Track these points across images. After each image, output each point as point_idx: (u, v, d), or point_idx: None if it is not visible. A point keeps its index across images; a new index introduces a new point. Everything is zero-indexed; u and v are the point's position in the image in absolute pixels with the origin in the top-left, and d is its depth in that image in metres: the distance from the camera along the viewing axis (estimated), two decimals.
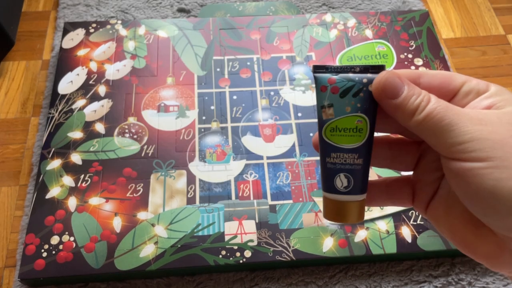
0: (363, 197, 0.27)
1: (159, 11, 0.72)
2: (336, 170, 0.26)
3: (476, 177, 0.21)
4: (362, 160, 0.26)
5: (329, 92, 0.26)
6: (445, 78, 0.25)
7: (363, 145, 0.26)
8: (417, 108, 0.23)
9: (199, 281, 0.49)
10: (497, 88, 0.24)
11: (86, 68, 0.62)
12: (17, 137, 0.60)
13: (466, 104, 0.25)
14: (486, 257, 0.24)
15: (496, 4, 0.77)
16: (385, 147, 0.28)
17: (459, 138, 0.22)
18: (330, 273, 0.50)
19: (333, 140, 0.26)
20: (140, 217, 0.51)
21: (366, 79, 0.25)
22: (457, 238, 0.25)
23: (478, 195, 0.22)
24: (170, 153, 0.56)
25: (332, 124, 0.26)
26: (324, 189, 0.27)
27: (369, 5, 0.74)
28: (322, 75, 0.26)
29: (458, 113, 0.23)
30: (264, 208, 0.52)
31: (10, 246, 0.52)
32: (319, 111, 0.26)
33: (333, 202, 0.26)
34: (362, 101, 0.25)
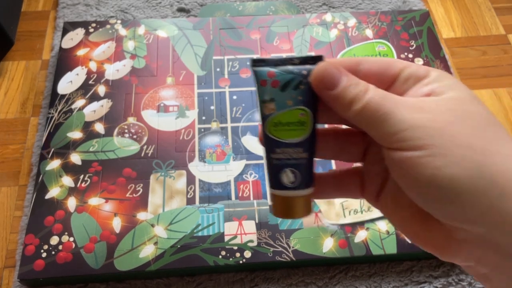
0: (310, 190, 0.26)
1: (159, 10, 0.72)
2: (282, 166, 0.25)
3: (415, 166, 0.21)
4: (308, 154, 0.25)
5: (270, 86, 0.25)
6: (384, 64, 0.25)
7: (307, 139, 0.25)
8: (355, 98, 0.23)
9: (199, 282, 0.49)
10: (437, 74, 0.24)
11: (85, 68, 0.62)
12: (16, 137, 0.60)
13: (406, 90, 0.24)
14: (436, 248, 0.24)
15: (497, 4, 0.76)
16: (331, 139, 0.27)
17: (396, 127, 0.21)
18: (330, 273, 0.50)
19: (277, 135, 0.25)
20: (139, 218, 0.51)
21: (306, 70, 0.24)
22: (407, 230, 0.25)
23: (418, 185, 0.21)
24: (170, 153, 0.56)
25: (274, 119, 0.25)
26: (271, 186, 0.26)
27: (369, 4, 0.74)
28: (261, 69, 0.25)
29: (395, 102, 0.22)
30: (264, 209, 0.52)
31: (9, 247, 0.52)
32: (260, 106, 0.25)
33: (281, 198, 0.26)
34: (303, 94, 0.24)
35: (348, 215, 0.52)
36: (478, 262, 0.22)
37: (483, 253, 0.22)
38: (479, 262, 0.22)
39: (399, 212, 0.25)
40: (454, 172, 0.20)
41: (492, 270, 0.22)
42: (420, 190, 0.21)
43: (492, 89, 0.67)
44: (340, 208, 0.52)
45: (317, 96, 0.25)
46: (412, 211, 0.24)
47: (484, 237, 0.21)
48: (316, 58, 0.25)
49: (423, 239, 0.24)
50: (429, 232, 0.23)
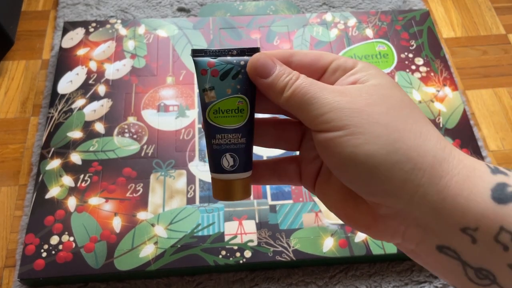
0: (248, 174, 0.28)
1: (159, 10, 0.72)
2: (222, 151, 0.27)
3: (337, 146, 0.22)
4: (245, 139, 0.27)
5: (210, 75, 0.26)
6: (315, 56, 0.26)
7: (245, 125, 0.27)
8: (286, 85, 0.24)
9: (199, 281, 0.49)
10: (363, 65, 0.25)
11: (85, 68, 0.62)
12: (16, 136, 0.60)
13: (335, 81, 0.26)
14: (365, 227, 0.25)
15: (497, 4, 0.76)
16: (270, 127, 0.29)
17: (320, 109, 0.23)
18: (331, 273, 0.50)
19: (217, 122, 0.27)
20: (140, 217, 0.51)
21: (243, 61, 0.26)
22: (340, 212, 0.26)
23: (340, 164, 0.23)
24: (170, 153, 0.56)
25: (214, 107, 0.26)
26: (212, 170, 0.28)
27: (370, 4, 0.74)
28: (201, 59, 0.27)
29: (321, 87, 0.24)
30: (264, 208, 0.52)
31: (9, 246, 0.52)
32: (201, 95, 0.27)
33: (221, 182, 0.27)
34: (241, 83, 0.26)
35: None
36: (404, 238, 0.24)
37: (406, 228, 0.23)
38: (404, 238, 0.24)
39: (332, 196, 0.27)
40: (371, 148, 0.22)
41: (417, 245, 0.23)
42: (342, 168, 0.23)
43: (492, 89, 0.67)
44: None
45: (255, 85, 0.26)
46: (343, 194, 0.26)
47: (403, 212, 0.22)
48: (253, 49, 0.26)
49: (354, 220, 0.26)
50: (358, 212, 0.25)
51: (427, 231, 0.22)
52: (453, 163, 0.22)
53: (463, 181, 0.22)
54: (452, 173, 0.22)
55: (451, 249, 0.22)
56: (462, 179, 0.22)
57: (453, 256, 0.22)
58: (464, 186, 0.21)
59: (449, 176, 0.22)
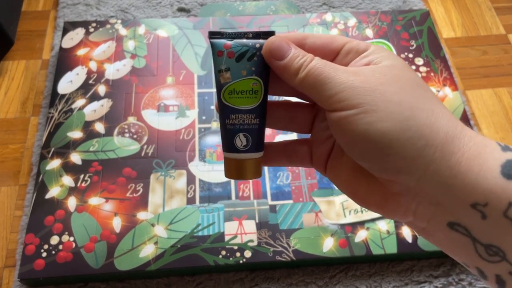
0: (260, 154, 0.29)
1: (159, 10, 0.72)
2: (236, 131, 0.28)
3: (350, 124, 0.23)
4: (259, 120, 0.28)
5: (226, 57, 0.27)
6: (328, 39, 0.27)
7: (259, 106, 0.27)
8: (300, 67, 0.25)
9: (199, 281, 0.49)
10: (375, 47, 0.26)
11: (85, 68, 0.62)
12: (16, 136, 0.60)
13: (348, 63, 0.26)
14: (377, 206, 0.25)
15: (497, 4, 0.76)
16: (282, 109, 0.30)
17: (334, 89, 0.23)
18: (331, 273, 0.50)
19: (232, 102, 0.27)
20: (140, 217, 0.51)
21: (259, 44, 0.27)
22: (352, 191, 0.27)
23: (354, 141, 0.23)
24: (170, 153, 0.56)
25: (229, 87, 0.27)
26: (225, 150, 0.28)
27: (370, 4, 0.74)
28: (218, 41, 0.27)
29: (335, 68, 0.24)
30: (264, 208, 0.52)
31: (9, 246, 0.52)
32: (216, 76, 0.27)
33: (234, 161, 0.28)
34: (256, 65, 0.27)
35: (348, 215, 0.52)
36: (415, 215, 0.24)
37: (417, 206, 0.24)
38: (416, 216, 0.24)
39: (344, 176, 0.27)
40: (384, 126, 0.22)
41: (428, 222, 0.24)
42: (356, 146, 0.23)
43: (492, 89, 0.67)
44: (341, 208, 0.52)
45: (269, 68, 0.27)
46: (355, 173, 0.26)
47: (415, 188, 0.23)
48: (269, 33, 0.27)
49: (365, 199, 0.26)
50: (370, 191, 0.25)
51: (438, 207, 0.23)
52: (464, 140, 0.22)
53: (474, 158, 0.22)
54: (463, 149, 0.22)
55: (462, 226, 0.22)
56: (473, 156, 0.22)
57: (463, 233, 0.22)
58: (474, 162, 0.22)
59: (460, 152, 0.22)
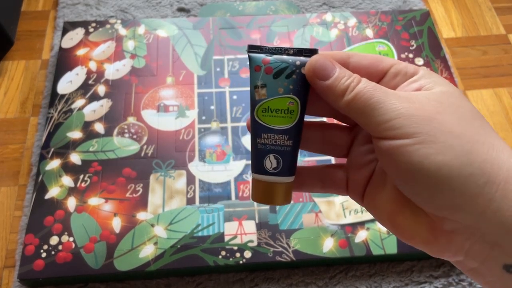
0: (291, 179, 0.27)
1: (159, 10, 0.72)
2: (266, 151, 0.26)
3: (404, 154, 0.21)
4: (292, 142, 0.26)
5: (263, 73, 0.26)
6: (373, 59, 0.25)
7: (293, 127, 0.26)
8: (347, 88, 0.23)
9: (199, 282, 0.49)
10: (425, 71, 0.25)
11: (85, 68, 0.62)
12: (16, 137, 0.60)
13: (395, 86, 0.25)
14: (424, 243, 0.23)
15: (497, 4, 0.76)
16: (318, 130, 0.28)
17: (386, 115, 0.22)
18: (331, 273, 0.50)
19: (265, 121, 0.26)
20: (139, 218, 0.51)
21: (299, 61, 0.25)
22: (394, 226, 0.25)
23: (408, 173, 0.22)
24: (170, 153, 0.55)
25: (264, 105, 0.26)
26: (254, 170, 0.27)
27: (370, 4, 0.74)
28: (256, 55, 0.26)
29: (386, 92, 0.23)
30: (264, 209, 0.52)
31: (9, 246, 0.52)
32: (252, 91, 0.26)
33: (262, 183, 0.26)
34: (295, 83, 0.25)
35: (349, 215, 0.51)
36: (467, 255, 0.23)
37: (472, 245, 0.22)
38: (468, 255, 0.22)
39: (386, 207, 0.25)
40: (443, 159, 0.21)
41: (481, 263, 0.22)
42: (408, 179, 0.22)
43: (492, 89, 0.67)
44: (341, 208, 0.52)
45: (308, 87, 0.26)
46: (398, 205, 0.24)
47: (471, 227, 0.21)
48: (311, 50, 0.26)
49: (410, 235, 0.24)
50: (417, 227, 0.23)
51: (495, 248, 0.21)
52: None
53: None
54: None
55: None
56: None
57: None
58: None
59: None
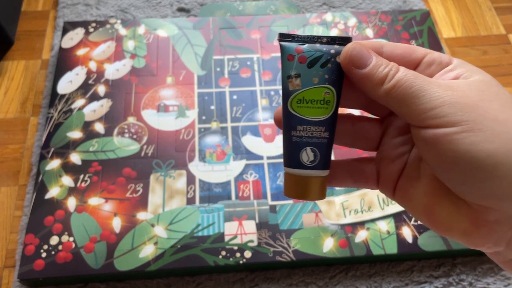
0: (326, 173, 0.26)
1: (159, 10, 0.72)
2: (302, 144, 0.25)
3: (451, 143, 0.21)
4: (328, 134, 0.25)
5: (296, 62, 0.25)
6: (407, 48, 0.25)
7: (330, 118, 0.25)
8: (386, 76, 0.23)
9: (199, 282, 0.49)
10: (460, 61, 0.24)
11: (85, 68, 0.62)
12: (16, 136, 0.60)
13: (430, 76, 0.24)
14: (464, 234, 0.23)
15: (497, 4, 0.76)
16: (348, 123, 0.27)
17: (430, 103, 0.21)
18: (331, 273, 0.50)
19: (300, 112, 0.25)
20: (139, 218, 0.51)
21: (334, 50, 0.25)
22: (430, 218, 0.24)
23: (453, 162, 0.21)
24: (170, 153, 0.55)
25: (299, 95, 0.25)
26: (288, 165, 0.26)
27: (370, 4, 0.74)
28: (289, 44, 0.25)
29: (427, 80, 0.22)
30: (264, 209, 0.52)
31: (9, 246, 0.52)
32: (284, 82, 0.25)
33: (297, 178, 0.26)
34: (330, 72, 0.25)
35: (349, 215, 0.51)
36: (509, 245, 0.22)
37: None
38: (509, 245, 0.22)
39: (422, 199, 0.24)
40: (491, 147, 0.20)
41: None
42: (455, 168, 0.21)
43: None
44: (341, 208, 0.52)
45: (343, 76, 0.25)
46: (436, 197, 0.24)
47: None
48: (345, 38, 0.25)
49: (448, 226, 0.23)
50: (457, 218, 0.23)
51: None
52: None
53: None
54: None
55: None
56: None
57: None
58: None
59: None
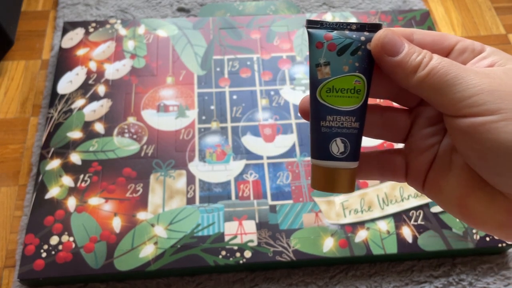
0: (356, 164, 0.25)
1: (159, 10, 0.72)
2: (332, 134, 0.24)
3: (489, 132, 0.20)
4: (359, 124, 0.24)
5: (326, 49, 0.24)
6: (438, 36, 0.24)
7: (360, 107, 0.24)
8: (419, 64, 0.22)
9: (199, 282, 0.49)
10: (492, 48, 0.24)
11: (85, 68, 0.62)
12: (16, 137, 0.60)
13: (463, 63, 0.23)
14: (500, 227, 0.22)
15: (497, 4, 0.76)
16: (377, 113, 0.26)
17: (467, 91, 0.21)
18: (331, 273, 0.50)
19: (330, 102, 0.24)
20: (139, 217, 0.51)
21: (364, 37, 0.24)
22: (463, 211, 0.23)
23: (492, 152, 0.20)
24: (170, 153, 0.55)
25: (328, 84, 0.24)
26: (316, 156, 0.25)
27: (370, 4, 0.74)
28: (317, 31, 0.24)
29: (463, 68, 0.21)
30: (264, 208, 0.52)
31: (9, 246, 0.52)
32: (313, 70, 0.24)
33: (326, 170, 0.25)
34: (361, 60, 0.24)
35: (349, 215, 0.51)
36: None
37: None
38: None
39: (454, 192, 0.24)
40: None
41: None
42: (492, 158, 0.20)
43: None
44: (341, 208, 0.52)
45: (372, 65, 0.24)
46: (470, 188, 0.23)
47: None
48: (375, 25, 0.24)
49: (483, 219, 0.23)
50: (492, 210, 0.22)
51: None
52: None
53: None
54: None
55: None
56: None
57: None
58: None
59: None
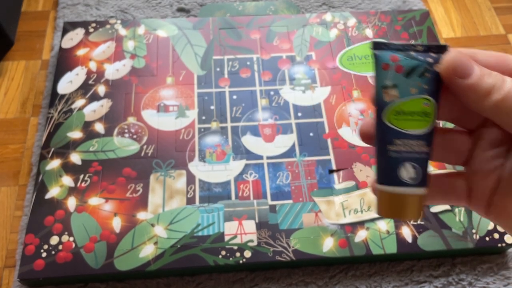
0: (425, 191, 0.24)
1: (159, 10, 0.72)
2: (401, 159, 0.23)
3: None
4: (428, 148, 0.23)
5: (393, 71, 0.23)
6: (500, 57, 0.24)
7: (430, 131, 0.23)
8: (493, 87, 0.22)
9: (199, 281, 0.49)
10: None
11: (85, 68, 0.62)
12: (16, 137, 0.60)
13: None
14: None
15: (497, 4, 0.76)
16: (439, 136, 0.25)
17: None
18: (330, 273, 0.50)
19: (398, 125, 0.23)
20: (139, 217, 0.51)
21: (431, 58, 0.23)
22: None
23: None
24: (170, 153, 0.56)
25: (396, 107, 0.23)
26: (382, 181, 0.24)
27: (369, 4, 0.74)
28: (383, 52, 0.24)
29: None
30: (264, 208, 0.52)
31: (9, 246, 0.52)
32: (379, 92, 0.24)
33: (394, 196, 0.24)
34: (429, 82, 0.23)
35: (348, 215, 0.52)
36: None
37: None
38: None
39: None
40: None
41: None
42: None
43: None
44: (340, 207, 0.52)
45: (440, 87, 0.24)
46: None
47: None
48: (440, 46, 0.23)
49: None
50: None
51: None
52: None
53: None
54: None
55: None
56: None
57: None
58: None
59: None
